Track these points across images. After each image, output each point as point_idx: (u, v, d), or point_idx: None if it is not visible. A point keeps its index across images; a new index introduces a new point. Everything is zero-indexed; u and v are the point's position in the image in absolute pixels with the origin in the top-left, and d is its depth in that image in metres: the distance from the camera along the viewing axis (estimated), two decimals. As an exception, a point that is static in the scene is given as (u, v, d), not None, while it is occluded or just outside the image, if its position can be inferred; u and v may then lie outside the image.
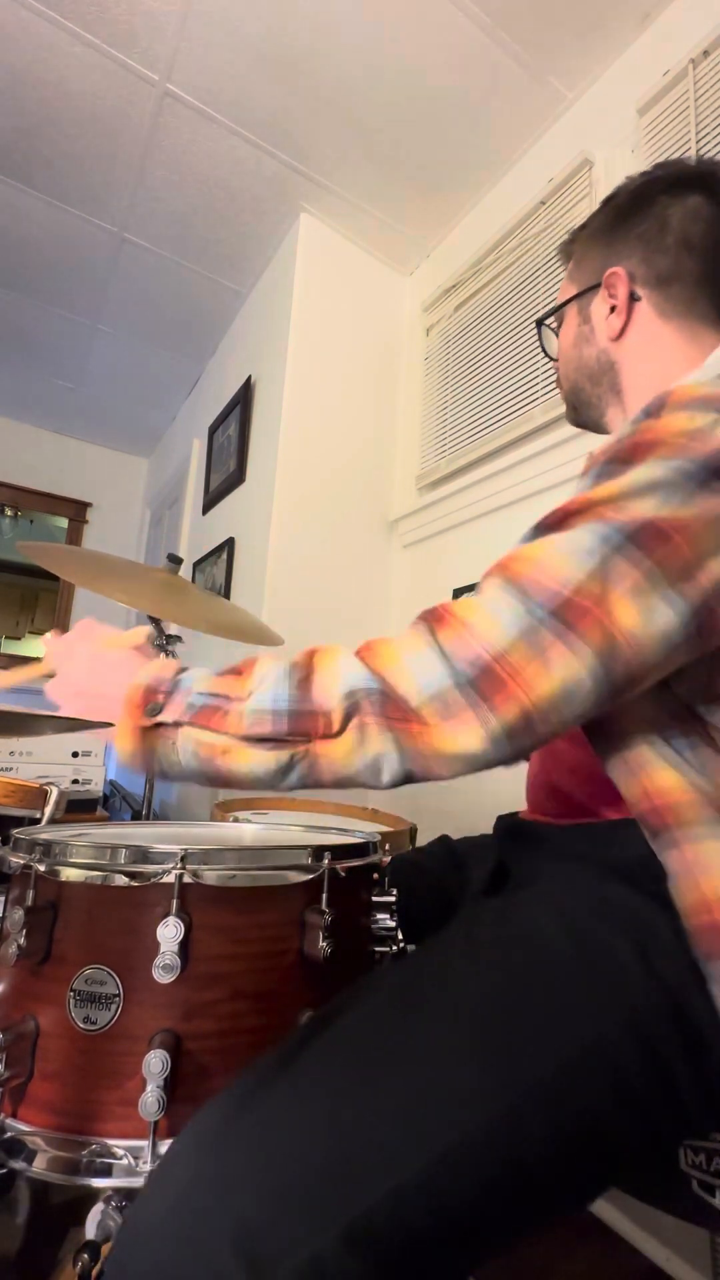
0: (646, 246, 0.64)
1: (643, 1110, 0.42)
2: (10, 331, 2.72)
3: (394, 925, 0.61)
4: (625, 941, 0.46)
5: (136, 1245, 0.37)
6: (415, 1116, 0.39)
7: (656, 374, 0.63)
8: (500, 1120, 0.39)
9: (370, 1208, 0.35)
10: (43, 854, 0.54)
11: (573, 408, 0.74)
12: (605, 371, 0.67)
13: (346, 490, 1.97)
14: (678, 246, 0.62)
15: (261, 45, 1.53)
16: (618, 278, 0.64)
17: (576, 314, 0.70)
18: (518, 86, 1.58)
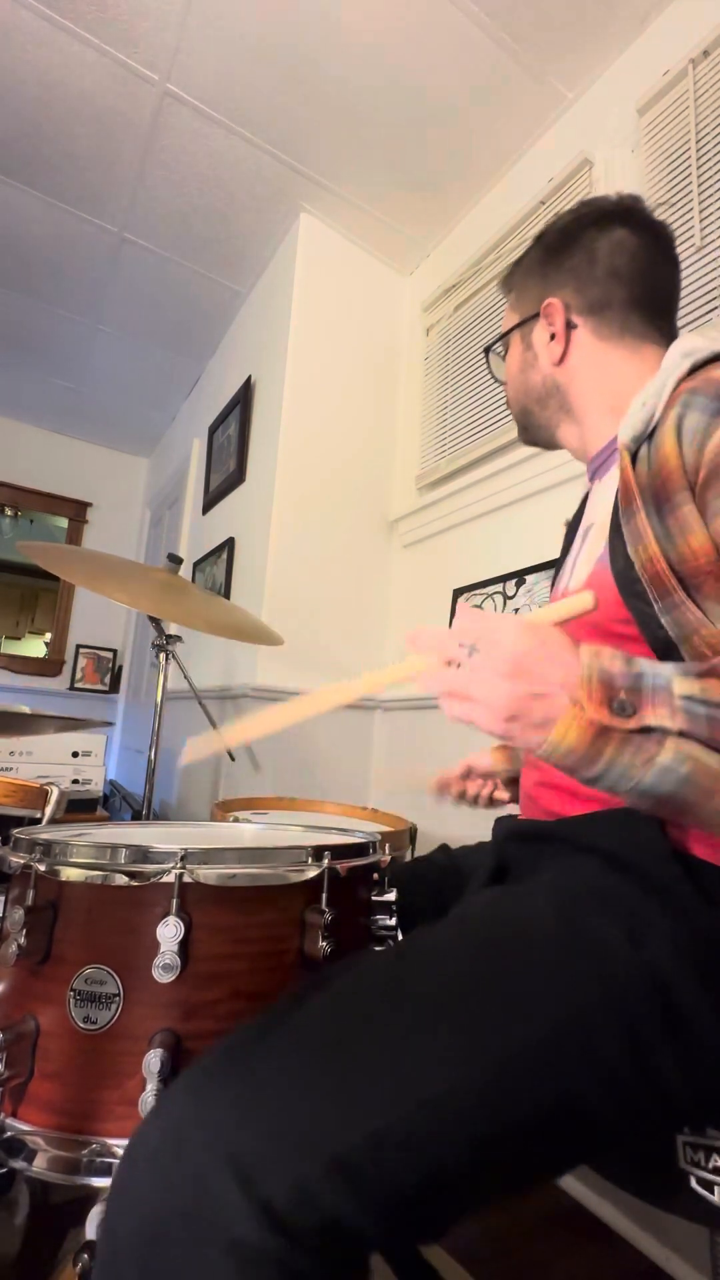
0: (578, 278, 0.69)
1: (622, 1090, 0.43)
2: (10, 331, 2.72)
3: (394, 925, 0.61)
4: (616, 927, 0.47)
5: (133, 1175, 0.39)
6: (398, 1069, 0.41)
7: (605, 388, 0.69)
8: (481, 1080, 0.41)
9: (353, 1145, 0.38)
10: (43, 854, 0.54)
11: (523, 428, 0.80)
12: (552, 394, 0.73)
13: (346, 490, 1.97)
14: (606, 276, 0.68)
15: (261, 45, 1.53)
16: (554, 308, 0.70)
17: (520, 342, 0.76)
18: (518, 86, 1.58)
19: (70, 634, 3.58)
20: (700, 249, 1.21)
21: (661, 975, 0.45)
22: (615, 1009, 0.44)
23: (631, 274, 0.68)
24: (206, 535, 2.46)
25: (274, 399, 1.96)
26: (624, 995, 0.44)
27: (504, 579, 1.55)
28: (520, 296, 0.76)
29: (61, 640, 3.55)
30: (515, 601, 1.49)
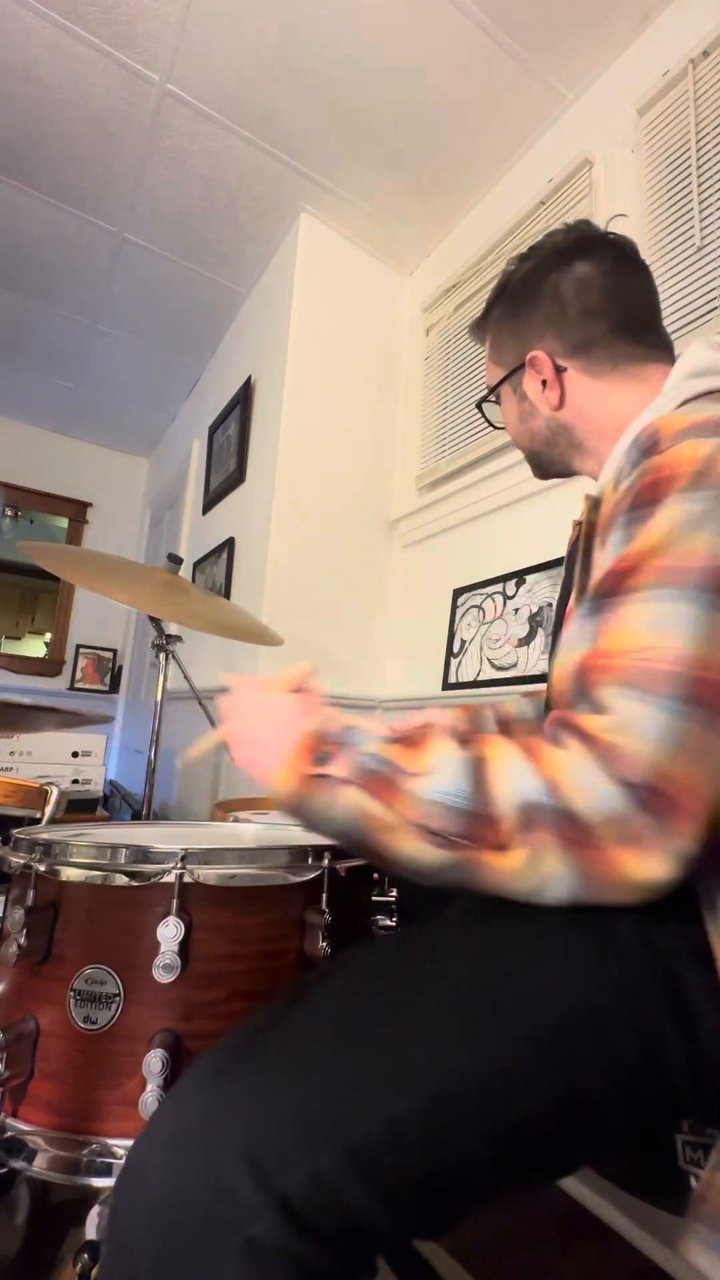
0: (554, 326, 0.68)
1: (633, 1080, 0.43)
2: (10, 331, 2.72)
3: (394, 925, 0.61)
4: (624, 916, 0.46)
5: (143, 1169, 0.38)
6: (412, 1056, 0.41)
7: (611, 418, 0.67)
8: (494, 1069, 0.41)
9: (369, 1134, 0.38)
10: (43, 854, 0.54)
11: (537, 467, 0.78)
12: (559, 434, 0.71)
13: (346, 490, 1.97)
14: (581, 316, 0.67)
15: (261, 45, 1.53)
16: (539, 360, 0.68)
17: (512, 394, 0.74)
18: (518, 86, 1.58)
19: (70, 634, 3.58)
20: (700, 249, 1.21)
21: (670, 965, 0.45)
22: (625, 998, 0.44)
23: (606, 306, 0.67)
24: (206, 535, 2.46)
25: (274, 399, 1.96)
26: (634, 984, 0.44)
27: (504, 579, 1.55)
28: (498, 350, 0.75)
29: (61, 640, 3.56)
30: (515, 601, 1.49)
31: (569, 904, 0.42)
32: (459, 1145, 0.40)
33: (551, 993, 0.44)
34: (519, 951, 0.46)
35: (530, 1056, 0.42)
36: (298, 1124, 0.38)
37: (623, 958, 0.45)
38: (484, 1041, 0.42)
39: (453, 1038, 0.42)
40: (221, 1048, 0.43)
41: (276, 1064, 0.41)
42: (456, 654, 1.66)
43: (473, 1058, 0.41)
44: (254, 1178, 0.36)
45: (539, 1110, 0.41)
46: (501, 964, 0.45)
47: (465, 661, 1.62)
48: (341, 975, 0.47)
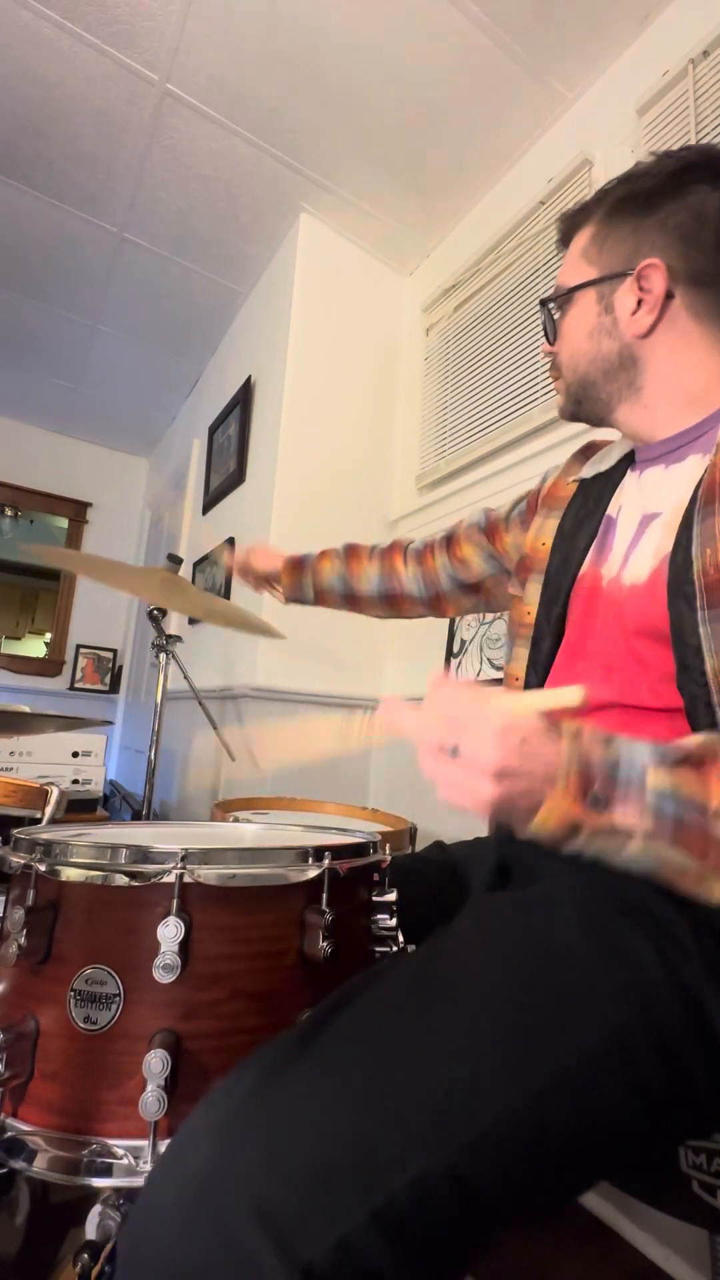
0: (685, 241, 0.59)
1: (659, 1106, 0.42)
2: (10, 331, 2.72)
3: (394, 925, 0.61)
4: (643, 940, 0.45)
5: (151, 1227, 0.36)
6: (439, 1105, 0.38)
7: (685, 376, 0.60)
8: (524, 1109, 0.39)
9: (396, 1193, 0.35)
10: (43, 854, 0.54)
11: (574, 400, 0.68)
12: (625, 368, 0.63)
13: (346, 490, 1.97)
14: (716, 245, 0.58)
15: (261, 45, 1.53)
16: (655, 270, 0.59)
17: (596, 301, 0.64)
18: (518, 86, 1.58)
19: (70, 634, 3.58)
20: (700, 249, 1.21)
21: (690, 986, 0.44)
22: (650, 1024, 0.43)
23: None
24: (207, 535, 2.46)
25: (274, 399, 1.96)
26: (657, 1010, 0.43)
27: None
28: (600, 245, 0.63)
29: (61, 640, 3.55)
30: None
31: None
32: (487, 1192, 0.37)
33: (582, 1028, 0.42)
34: (546, 988, 0.44)
35: (561, 1090, 0.40)
36: (319, 1184, 0.35)
37: (646, 984, 0.44)
38: (513, 1084, 0.39)
39: (481, 1082, 0.39)
40: (231, 1088, 0.40)
41: (293, 1112, 0.38)
42: (456, 654, 1.66)
43: (502, 1103, 0.39)
44: (274, 1245, 0.33)
45: (568, 1145, 0.40)
46: (528, 1000, 0.43)
47: (465, 661, 1.62)
48: (356, 1008, 0.44)
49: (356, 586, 1.02)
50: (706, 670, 0.50)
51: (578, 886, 0.51)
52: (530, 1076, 0.40)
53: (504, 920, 0.50)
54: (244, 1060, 0.42)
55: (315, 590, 1.05)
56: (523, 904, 0.52)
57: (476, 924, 0.50)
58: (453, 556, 0.93)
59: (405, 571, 0.98)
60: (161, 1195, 0.36)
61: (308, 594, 1.06)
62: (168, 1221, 0.35)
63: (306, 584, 1.06)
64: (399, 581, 0.99)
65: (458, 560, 0.93)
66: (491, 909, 0.52)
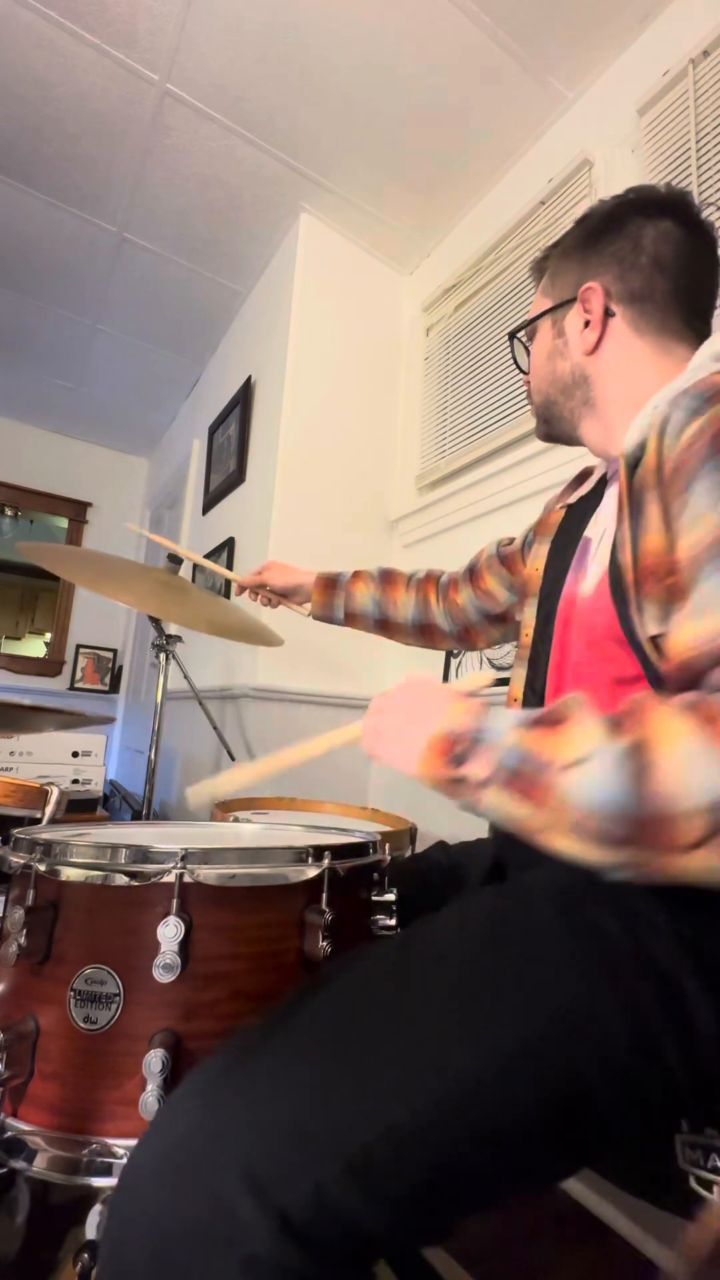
0: (621, 264, 0.66)
1: (630, 1081, 0.43)
2: (10, 331, 2.72)
3: (394, 925, 0.61)
4: (615, 920, 0.47)
5: (138, 1191, 0.38)
6: (410, 1063, 0.41)
7: (631, 387, 0.65)
8: (490, 1070, 0.41)
9: (368, 1144, 0.37)
10: (43, 854, 0.54)
11: (544, 420, 0.75)
12: (579, 385, 0.69)
13: (346, 490, 1.97)
14: (651, 266, 0.65)
15: (262, 45, 1.53)
16: (593, 293, 0.66)
17: (551, 328, 0.72)
18: (518, 86, 1.58)
19: (70, 634, 3.58)
20: (700, 249, 1.21)
21: (667, 970, 0.45)
22: (620, 996, 0.44)
23: (676, 267, 0.65)
24: (206, 535, 2.46)
25: (274, 399, 1.96)
26: (628, 983, 0.44)
27: (504, 579, 1.55)
28: (555, 281, 0.72)
29: (61, 640, 3.56)
30: (515, 601, 1.49)
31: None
32: (458, 1150, 0.39)
33: (547, 994, 0.44)
34: (515, 957, 0.46)
35: (530, 1058, 0.42)
36: (296, 1137, 0.37)
37: (618, 962, 0.45)
38: (480, 1044, 0.42)
39: (449, 1042, 0.42)
40: (217, 1059, 0.42)
41: (272, 1076, 0.40)
42: (456, 654, 1.66)
43: (470, 1061, 0.41)
44: (253, 1194, 0.35)
45: (536, 1112, 0.41)
46: (497, 968, 0.45)
47: (465, 662, 1.62)
48: (336, 984, 0.46)
49: (392, 613, 1.03)
50: (649, 659, 0.51)
51: (554, 871, 0.52)
52: (497, 1037, 0.42)
53: (483, 904, 0.53)
54: (230, 1037, 0.44)
55: (347, 611, 1.06)
56: (503, 892, 0.54)
57: (458, 909, 0.53)
58: (477, 589, 0.96)
59: (435, 606, 1.00)
60: (147, 1160, 0.39)
61: (338, 614, 1.07)
62: (154, 1184, 0.37)
63: (338, 604, 1.06)
64: (433, 614, 1.01)
65: (482, 592, 0.96)
66: (471, 898, 0.55)
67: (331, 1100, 0.39)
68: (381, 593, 1.04)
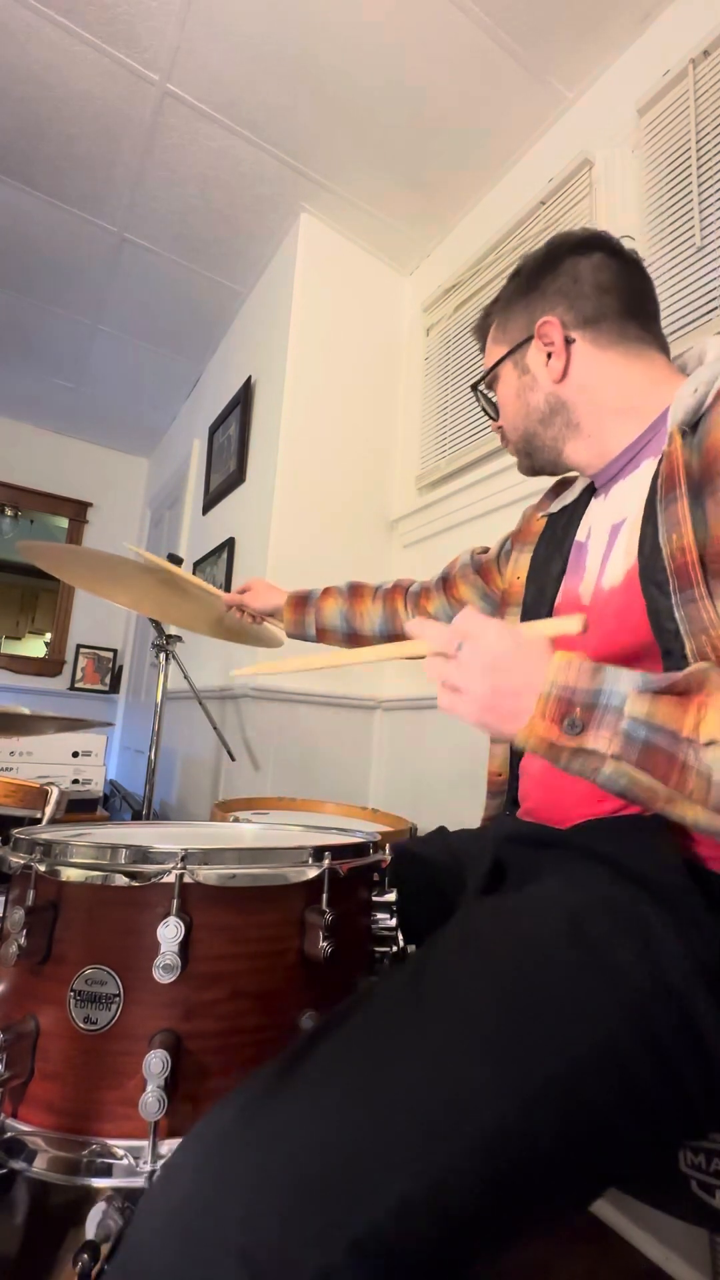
0: (567, 297, 0.70)
1: (650, 1110, 0.42)
2: (10, 331, 2.72)
3: (394, 925, 0.61)
4: (628, 943, 0.46)
5: (139, 1251, 0.36)
6: (425, 1120, 0.38)
7: (613, 393, 0.68)
8: (511, 1120, 0.38)
9: (377, 1219, 0.34)
10: (43, 854, 0.54)
11: (525, 455, 0.77)
12: (557, 411, 0.71)
13: (346, 490, 1.97)
14: (595, 291, 0.69)
15: (262, 45, 1.53)
16: (550, 325, 0.69)
17: (513, 369, 0.74)
18: (518, 86, 1.58)
19: (70, 634, 3.58)
20: (700, 249, 1.21)
21: (677, 989, 0.44)
22: (639, 1029, 0.43)
23: (618, 286, 0.69)
24: (206, 535, 2.46)
25: (274, 399, 1.96)
26: (645, 1013, 0.43)
27: (504, 579, 1.55)
28: (504, 328, 0.76)
29: (61, 640, 3.56)
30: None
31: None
32: (475, 1207, 0.37)
33: (566, 1033, 0.42)
34: (532, 996, 0.44)
35: (549, 1098, 0.39)
36: (297, 1218, 0.34)
37: (634, 990, 0.44)
38: (500, 1090, 0.39)
39: (471, 1094, 0.39)
40: (217, 1116, 0.40)
41: (273, 1140, 0.37)
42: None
43: (489, 1110, 0.38)
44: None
45: (558, 1153, 0.39)
46: (515, 1011, 0.43)
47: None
48: (346, 1029, 0.43)
49: (359, 625, 1.06)
50: (687, 653, 0.51)
51: (564, 891, 0.51)
52: (519, 1086, 0.39)
53: (490, 929, 0.50)
54: (230, 1091, 0.41)
55: (317, 628, 1.09)
56: (509, 911, 0.52)
57: (464, 933, 0.50)
58: (450, 597, 0.98)
59: (404, 615, 1.02)
60: (147, 1231, 0.36)
61: (310, 631, 1.10)
62: (158, 1248, 0.35)
63: (309, 621, 1.09)
64: (401, 623, 1.03)
65: (455, 601, 0.98)
66: (479, 916, 0.52)
67: (337, 1171, 0.36)
68: (349, 606, 1.07)
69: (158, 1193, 0.38)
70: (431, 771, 1.68)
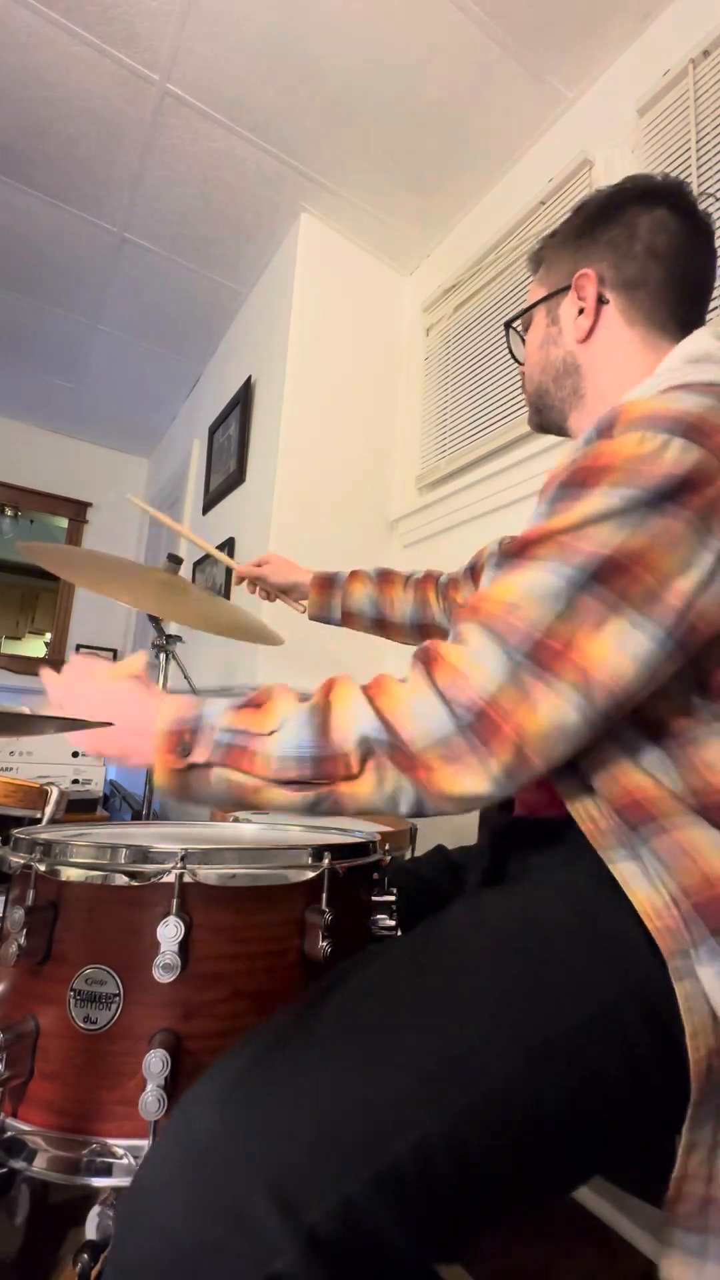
0: (615, 252, 0.66)
1: (650, 1079, 0.43)
2: (10, 331, 2.72)
3: (394, 925, 0.61)
4: (626, 914, 0.46)
5: (155, 1203, 0.36)
6: (439, 1069, 0.40)
7: (616, 380, 0.66)
8: (518, 1074, 0.40)
9: (399, 1156, 0.36)
10: (43, 854, 0.54)
11: (536, 410, 0.76)
12: (570, 373, 0.69)
13: (347, 490, 1.97)
14: (645, 254, 0.65)
15: (262, 45, 1.53)
16: (587, 279, 0.66)
17: (545, 316, 0.72)
18: (518, 86, 1.58)
19: (70, 634, 3.58)
20: (700, 249, 1.21)
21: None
22: (638, 996, 0.44)
23: (671, 255, 0.65)
24: (207, 535, 2.46)
25: (274, 399, 1.96)
26: (645, 982, 0.44)
27: (504, 579, 1.55)
28: (550, 270, 0.72)
29: (61, 640, 3.55)
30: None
31: (417, 814, 0.48)
32: (487, 1159, 0.39)
33: (573, 1000, 0.44)
34: (538, 960, 0.46)
35: (553, 1057, 0.41)
36: (325, 1147, 0.36)
37: (638, 966, 0.45)
38: (510, 1048, 0.41)
39: (480, 1049, 0.41)
40: (234, 1059, 0.41)
41: (297, 1078, 0.39)
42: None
43: (500, 1066, 0.40)
44: (280, 1209, 0.33)
45: (563, 1111, 0.41)
46: (515, 970, 0.45)
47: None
48: (353, 983, 0.46)
49: (389, 613, 1.03)
50: None
51: (562, 870, 0.53)
52: (525, 1044, 0.41)
53: (494, 902, 0.53)
54: (242, 1038, 0.43)
55: (343, 611, 1.06)
56: (513, 894, 0.54)
57: (468, 907, 0.53)
58: (478, 586, 0.96)
59: (435, 605, 1.00)
60: (164, 1169, 0.37)
61: (335, 614, 1.06)
62: (171, 1195, 0.35)
63: (335, 604, 1.06)
64: (432, 613, 1.00)
65: None
66: (480, 900, 0.54)
67: (361, 1107, 0.37)
68: (379, 592, 1.04)
69: (174, 1131, 0.39)
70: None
